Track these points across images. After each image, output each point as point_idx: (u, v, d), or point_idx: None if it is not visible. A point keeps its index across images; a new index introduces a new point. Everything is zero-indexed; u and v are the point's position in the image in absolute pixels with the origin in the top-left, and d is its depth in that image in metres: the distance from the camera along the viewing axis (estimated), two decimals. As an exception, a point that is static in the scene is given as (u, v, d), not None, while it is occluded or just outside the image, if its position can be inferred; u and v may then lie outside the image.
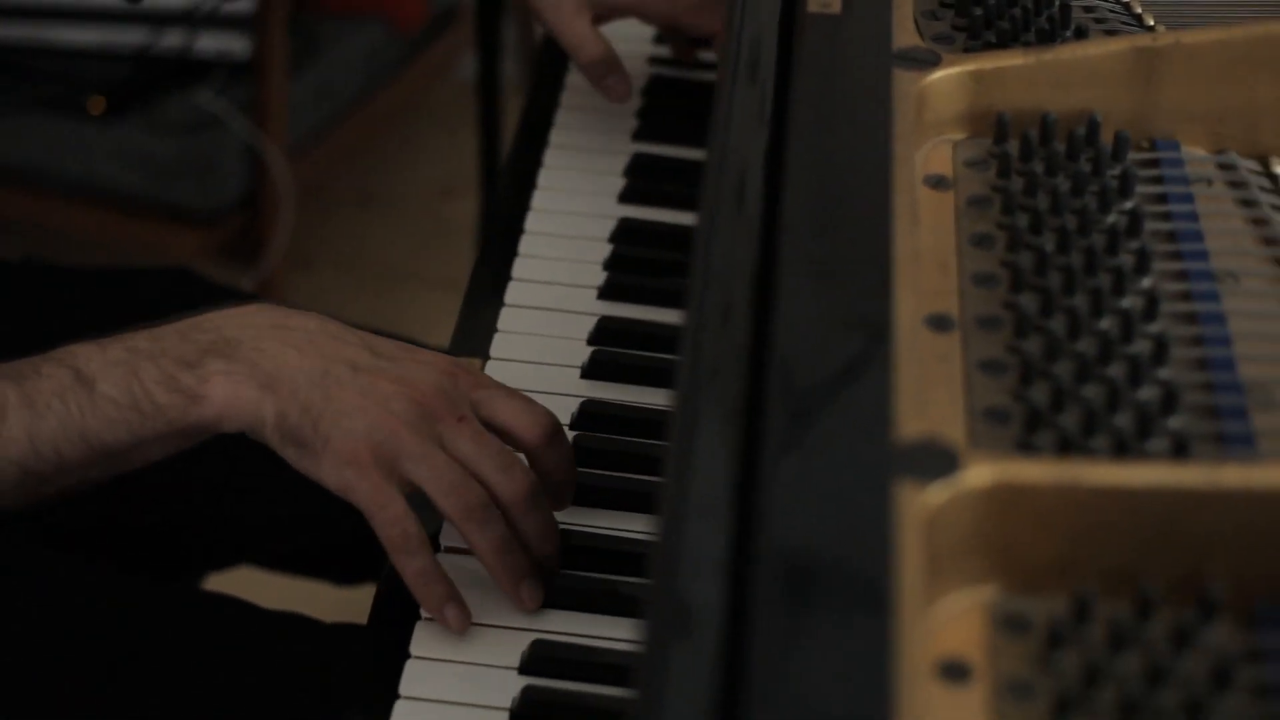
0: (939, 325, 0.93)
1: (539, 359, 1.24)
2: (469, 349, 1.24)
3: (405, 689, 1.02)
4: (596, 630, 1.06)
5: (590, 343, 1.25)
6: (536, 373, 1.22)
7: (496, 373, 1.22)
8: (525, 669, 1.03)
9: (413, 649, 1.04)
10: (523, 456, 1.07)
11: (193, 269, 1.59)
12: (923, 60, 1.07)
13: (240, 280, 2.47)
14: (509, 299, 1.29)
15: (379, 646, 1.05)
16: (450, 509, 1.02)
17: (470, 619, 1.04)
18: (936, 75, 1.06)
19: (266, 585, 1.55)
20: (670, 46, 1.55)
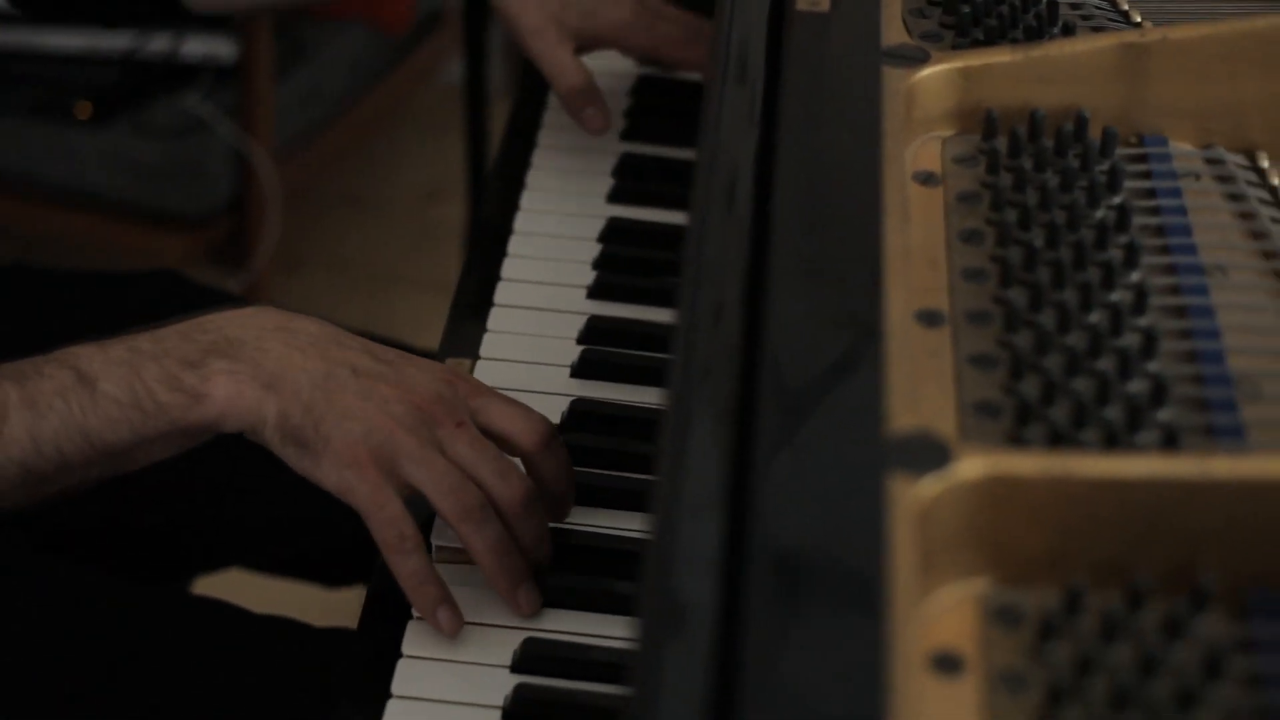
0: (929, 320, 0.93)
1: (529, 359, 1.24)
2: (459, 349, 1.25)
3: (397, 688, 1.03)
4: (588, 628, 1.06)
5: (580, 342, 1.25)
6: (527, 372, 1.23)
7: (487, 372, 1.22)
8: (517, 667, 1.03)
9: (405, 648, 1.04)
10: (520, 463, 1.07)
11: (183, 272, 1.59)
12: (911, 58, 1.07)
13: (228, 284, 2.47)
14: (498, 299, 1.29)
15: (370, 648, 1.06)
16: (448, 510, 1.03)
17: (462, 622, 1.04)
18: (925, 72, 1.07)
19: (253, 588, 1.55)
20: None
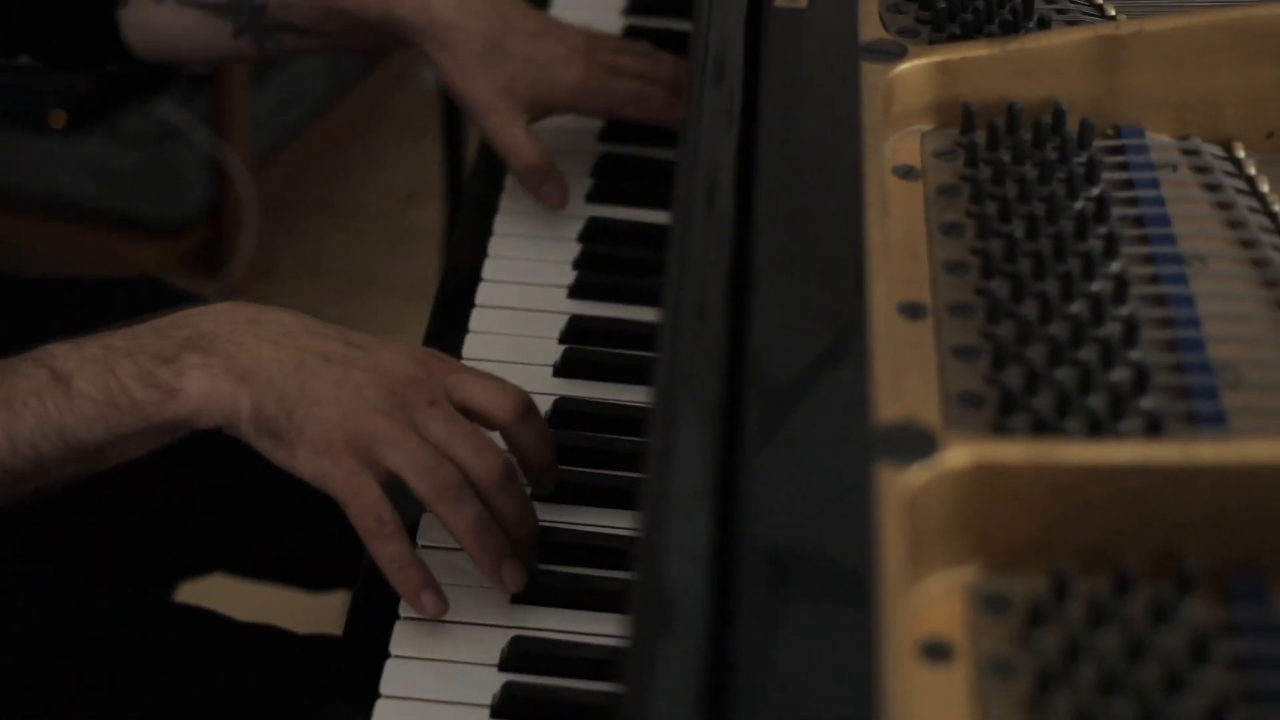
0: (912, 313, 0.94)
1: (511, 358, 1.24)
2: (441, 350, 1.25)
3: (386, 688, 1.03)
4: (575, 625, 1.06)
5: (562, 341, 1.26)
6: (509, 372, 1.22)
7: (469, 373, 1.22)
8: (505, 665, 1.04)
9: (392, 648, 1.05)
10: (499, 439, 1.07)
11: (162, 278, 1.59)
12: (889, 52, 1.08)
13: (205, 291, 2.47)
14: (479, 300, 1.29)
15: (357, 649, 1.06)
16: (425, 491, 1.03)
17: (447, 606, 1.05)
18: (903, 67, 1.07)
19: (236, 593, 1.55)
20: None
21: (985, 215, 1.01)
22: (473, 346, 1.25)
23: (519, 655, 1.04)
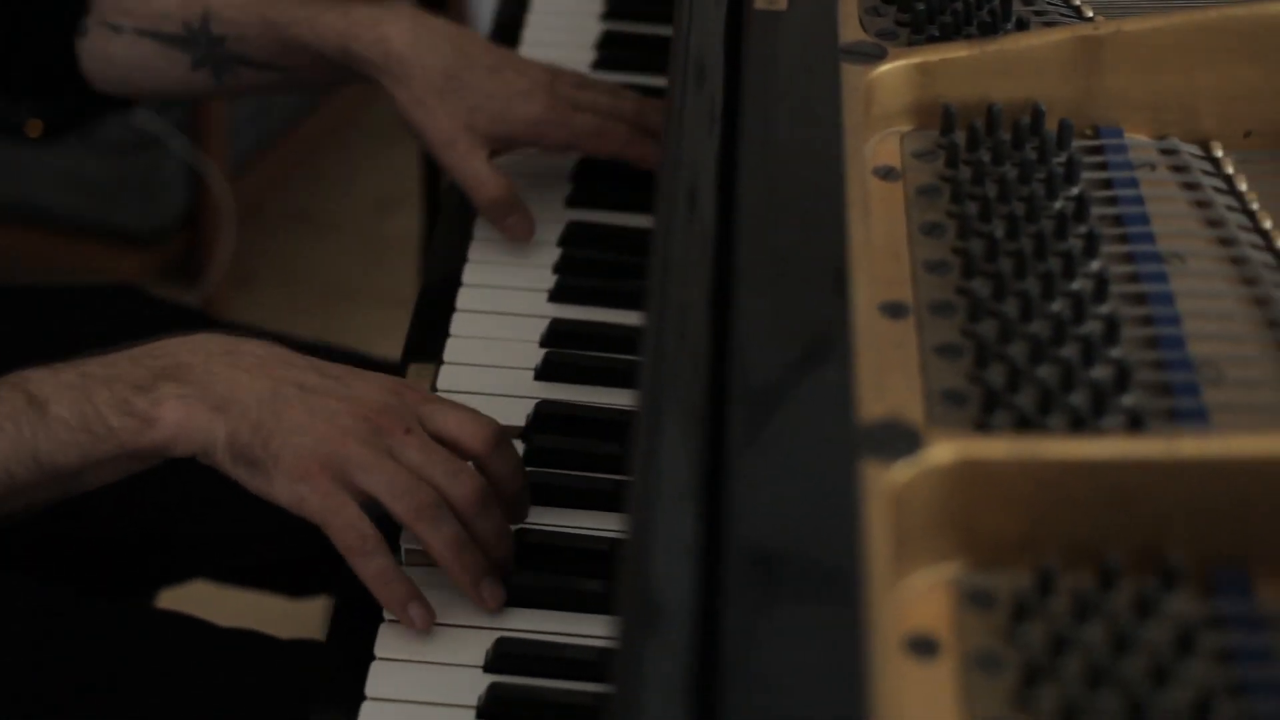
0: (894, 313, 0.94)
1: (492, 362, 1.25)
2: (422, 355, 1.25)
3: (371, 690, 1.03)
4: (558, 627, 1.07)
5: (543, 344, 1.26)
6: (491, 375, 1.23)
7: (451, 377, 1.23)
8: (490, 667, 1.04)
9: (377, 650, 1.05)
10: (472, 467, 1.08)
11: (143, 286, 1.59)
12: (869, 54, 1.08)
13: (183, 300, 2.47)
14: (460, 304, 1.30)
15: (342, 653, 1.06)
16: (403, 511, 1.04)
17: (434, 618, 1.05)
18: (883, 69, 1.08)
19: (217, 600, 1.55)
20: None
21: (966, 215, 1.01)
22: (454, 350, 1.26)
23: (504, 656, 1.04)
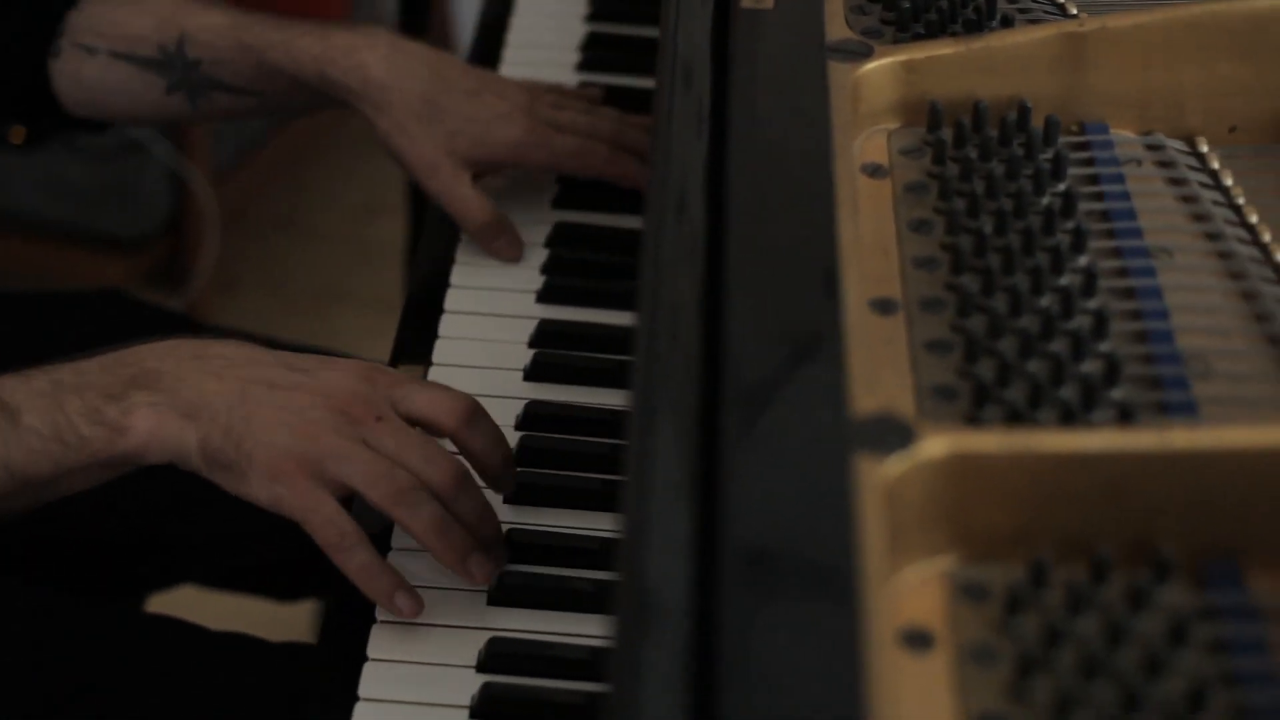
0: (883, 309, 0.95)
1: (481, 363, 1.25)
2: (411, 357, 1.25)
3: (364, 690, 1.03)
4: (550, 626, 1.07)
5: (531, 345, 1.26)
6: (480, 376, 1.23)
7: (440, 378, 1.23)
8: (483, 667, 1.04)
9: (370, 651, 1.05)
10: (451, 445, 1.08)
11: (127, 291, 1.59)
12: (856, 52, 1.09)
13: (169, 304, 2.47)
14: (449, 305, 1.30)
15: (333, 655, 1.06)
16: (380, 498, 1.04)
17: (422, 605, 1.05)
18: (870, 66, 1.08)
19: (206, 604, 1.55)
20: None
21: (954, 211, 1.02)
22: (443, 352, 1.26)
23: (497, 656, 1.04)
